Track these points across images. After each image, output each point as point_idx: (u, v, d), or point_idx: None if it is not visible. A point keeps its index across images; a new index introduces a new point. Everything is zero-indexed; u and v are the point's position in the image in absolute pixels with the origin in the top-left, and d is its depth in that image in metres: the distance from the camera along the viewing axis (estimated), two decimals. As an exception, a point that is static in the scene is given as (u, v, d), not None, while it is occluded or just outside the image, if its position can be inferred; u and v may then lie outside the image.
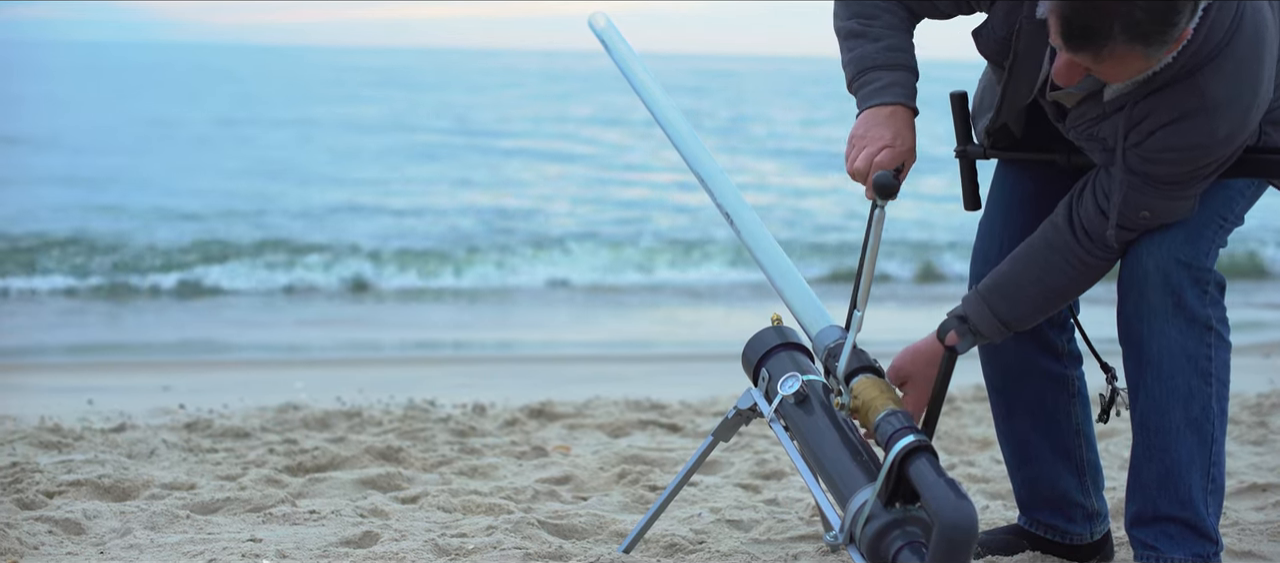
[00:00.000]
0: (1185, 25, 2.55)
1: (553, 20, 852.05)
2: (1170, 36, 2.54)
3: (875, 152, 2.87)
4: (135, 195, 17.74)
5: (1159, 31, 2.52)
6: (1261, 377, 6.62)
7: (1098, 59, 2.56)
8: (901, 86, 2.91)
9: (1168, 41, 2.55)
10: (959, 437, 4.95)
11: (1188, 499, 2.90)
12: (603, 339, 9.77)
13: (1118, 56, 2.55)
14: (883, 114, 2.90)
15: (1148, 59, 2.58)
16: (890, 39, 2.92)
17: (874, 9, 2.94)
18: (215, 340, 9.59)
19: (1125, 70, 2.61)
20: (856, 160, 2.88)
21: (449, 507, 3.77)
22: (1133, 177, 2.77)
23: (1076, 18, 2.52)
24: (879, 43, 2.92)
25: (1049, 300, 2.90)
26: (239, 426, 4.98)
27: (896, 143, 2.87)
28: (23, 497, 3.76)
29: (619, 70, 3.33)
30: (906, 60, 2.93)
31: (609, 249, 14.29)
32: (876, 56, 2.92)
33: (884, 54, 2.92)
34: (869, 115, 2.90)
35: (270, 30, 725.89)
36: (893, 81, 2.91)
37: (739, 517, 3.71)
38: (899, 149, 2.87)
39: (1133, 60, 2.57)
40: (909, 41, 2.95)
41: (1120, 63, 2.57)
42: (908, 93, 2.91)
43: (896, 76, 2.91)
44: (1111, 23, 2.50)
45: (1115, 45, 2.53)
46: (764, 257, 3.08)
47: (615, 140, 28.23)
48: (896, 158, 2.88)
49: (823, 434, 2.83)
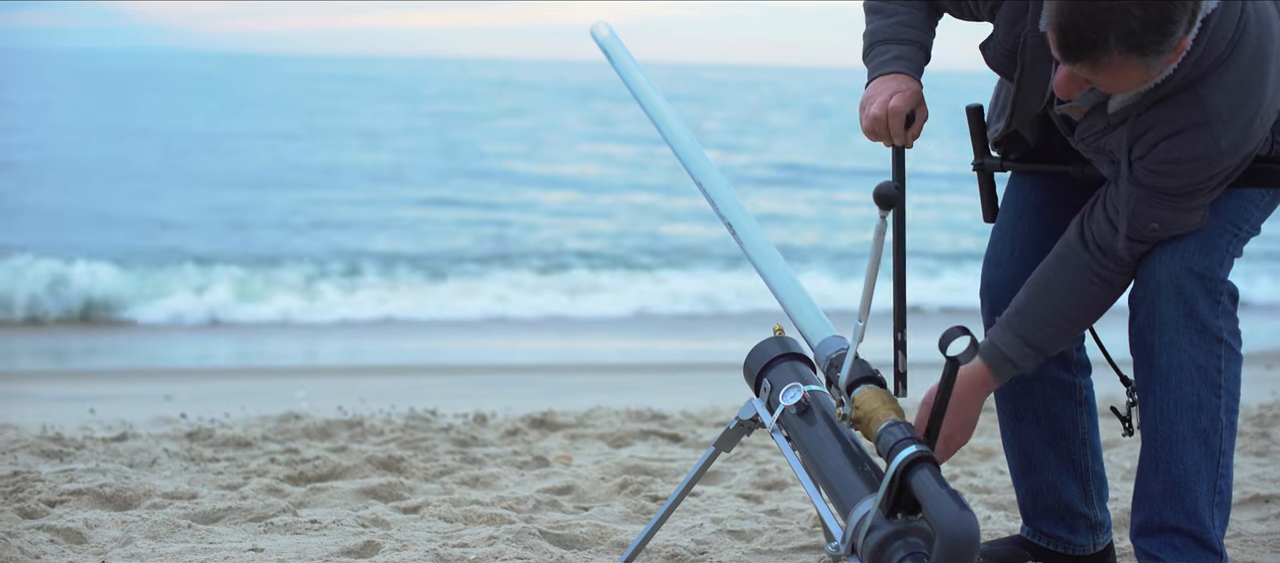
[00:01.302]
0: (1182, 35, 2.55)
1: (554, 29, 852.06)
2: (1167, 46, 2.54)
3: (887, 97, 2.94)
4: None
5: (1155, 41, 2.52)
6: (1264, 388, 6.62)
7: (1095, 70, 2.57)
8: (907, 60, 2.98)
9: (1165, 51, 2.55)
10: (961, 448, 4.94)
11: (1193, 511, 2.89)
12: (602, 349, 9.79)
13: (1115, 67, 2.56)
14: (896, 78, 2.97)
15: (1147, 70, 2.58)
16: (902, 16, 3.00)
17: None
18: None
19: (1124, 82, 2.62)
20: (871, 108, 2.94)
21: (450, 517, 3.77)
22: (1140, 189, 2.77)
23: (1072, 29, 2.54)
24: (891, 18, 3.01)
25: (1074, 320, 2.89)
26: (240, 435, 4.98)
27: (905, 89, 2.94)
28: (24, 506, 3.76)
29: (621, 80, 3.33)
30: (916, 37, 3.00)
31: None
32: (886, 31, 3.00)
33: (893, 28, 3.00)
34: (876, 82, 2.98)
35: (266, 39, 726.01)
36: (899, 54, 2.98)
37: (741, 527, 3.70)
38: (908, 92, 2.94)
39: (1131, 71, 2.58)
40: (922, 19, 3.01)
41: (1118, 73, 2.58)
42: (913, 66, 2.98)
43: (903, 50, 2.99)
44: (1107, 33, 2.51)
45: (1112, 56, 2.54)
46: (766, 267, 3.08)
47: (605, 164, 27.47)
48: (908, 101, 2.94)
49: (825, 445, 2.83)
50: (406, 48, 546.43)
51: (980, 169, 3.13)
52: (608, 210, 19.56)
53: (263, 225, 16.71)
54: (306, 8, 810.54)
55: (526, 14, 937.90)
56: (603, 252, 15.60)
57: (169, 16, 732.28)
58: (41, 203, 17.98)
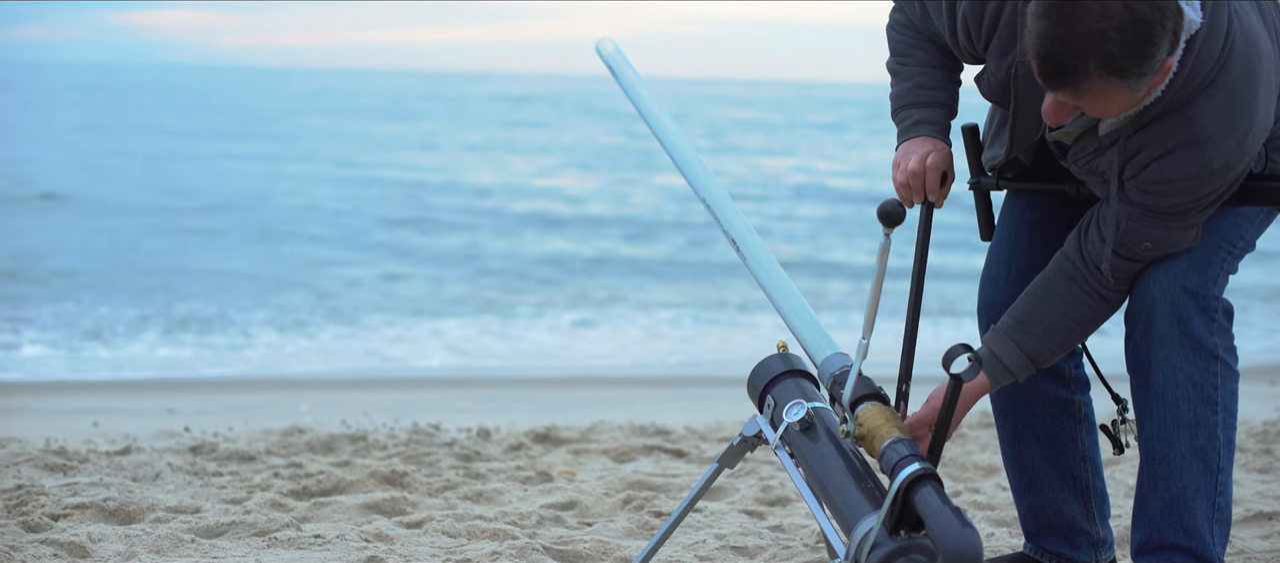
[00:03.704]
0: (1164, 57, 2.56)
1: (559, 44, 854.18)
2: (1148, 68, 2.55)
3: (923, 155, 2.99)
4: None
5: (1135, 64, 2.53)
6: (1268, 404, 6.61)
7: (1078, 95, 2.59)
8: (929, 123, 3.02)
9: (1147, 73, 2.56)
10: (964, 464, 4.94)
11: (1193, 528, 2.90)
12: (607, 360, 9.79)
13: (1098, 92, 2.57)
14: (924, 141, 3.02)
15: (1131, 93, 2.59)
16: (920, 77, 3.03)
17: (908, 47, 3.06)
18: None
19: (1111, 106, 2.62)
20: (908, 164, 2.98)
21: (454, 532, 3.77)
22: (1132, 208, 2.78)
23: (1051, 57, 2.55)
24: (910, 81, 3.04)
25: (1071, 332, 2.90)
26: (244, 449, 4.98)
27: (936, 150, 2.99)
28: (28, 519, 3.76)
29: (626, 96, 3.34)
30: (937, 97, 3.03)
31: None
32: (906, 96, 3.05)
33: (912, 93, 3.04)
34: (905, 145, 3.03)
35: (271, 53, 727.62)
36: (922, 119, 3.03)
37: (744, 543, 3.70)
38: (940, 153, 2.99)
39: (1114, 95, 2.59)
40: (941, 76, 3.04)
41: (1103, 98, 2.59)
42: (936, 128, 3.02)
43: (924, 113, 3.03)
44: (1086, 59, 2.52)
45: (1093, 81, 2.55)
46: (769, 283, 3.09)
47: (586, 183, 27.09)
48: (941, 161, 2.98)
49: (828, 461, 2.83)
50: (417, 61, 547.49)
51: (977, 188, 3.15)
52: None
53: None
54: (314, 21, 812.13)
55: (535, 37, 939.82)
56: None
57: (182, 32, 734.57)
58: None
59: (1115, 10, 2.49)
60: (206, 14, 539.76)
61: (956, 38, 2.93)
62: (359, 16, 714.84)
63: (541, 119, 49.22)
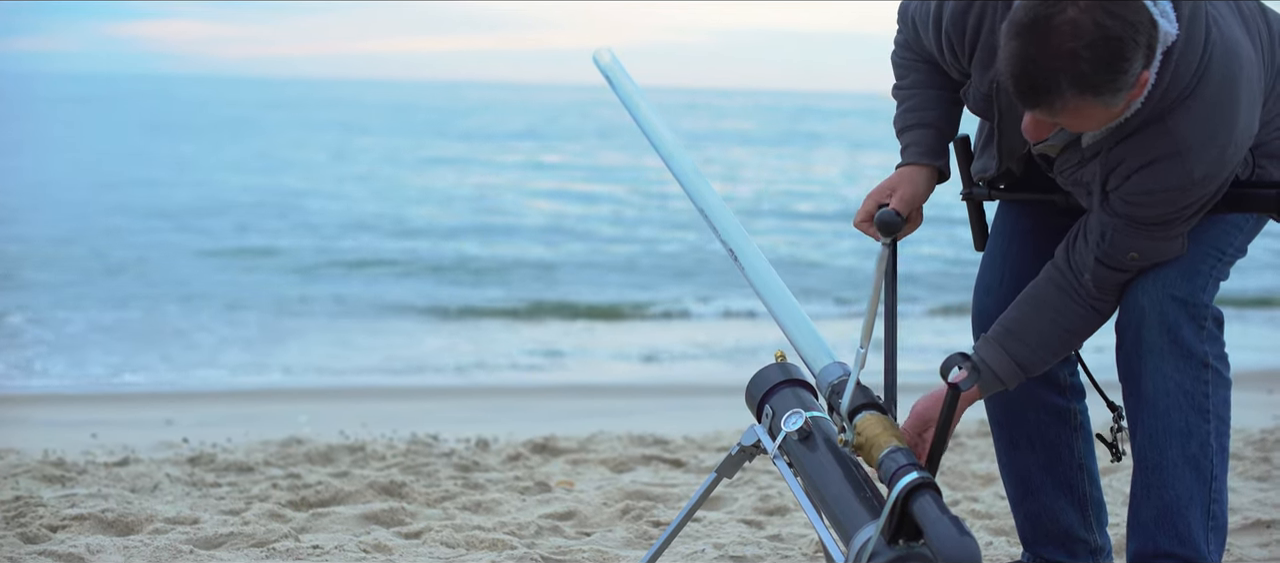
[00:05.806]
0: (1139, 71, 2.56)
1: (561, 53, 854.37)
2: (1122, 83, 2.55)
3: (875, 201, 2.97)
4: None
5: (1108, 80, 2.53)
6: (1265, 412, 6.61)
7: (1054, 113, 2.59)
8: (917, 146, 3.00)
9: (1121, 88, 2.56)
10: (963, 473, 4.94)
11: (1187, 537, 2.90)
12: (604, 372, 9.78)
13: (1073, 109, 2.58)
14: (901, 172, 3.00)
15: (1107, 108, 2.59)
16: (914, 99, 3.02)
17: (906, 68, 3.05)
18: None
19: (1087, 121, 2.63)
20: (867, 204, 2.98)
21: (452, 542, 3.77)
22: (1116, 219, 2.78)
23: (1024, 77, 2.56)
24: (905, 104, 3.03)
25: (1062, 341, 2.90)
26: (242, 460, 4.98)
27: (897, 192, 2.96)
28: (26, 531, 3.76)
29: (623, 105, 3.34)
30: (926, 118, 3.01)
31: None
32: (901, 119, 3.04)
33: (905, 116, 3.03)
34: (894, 174, 3.02)
35: (276, 63, 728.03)
36: (910, 142, 3.01)
37: (742, 553, 3.70)
38: (905, 196, 2.95)
39: (1090, 111, 2.59)
40: (933, 96, 3.02)
41: (1079, 114, 2.59)
42: (925, 151, 2.99)
43: (914, 137, 3.01)
44: (1058, 78, 2.52)
45: (1066, 98, 2.55)
46: (767, 292, 3.09)
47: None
48: (905, 201, 2.95)
49: (826, 471, 2.83)
50: (416, 71, 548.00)
51: (969, 199, 3.15)
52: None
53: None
54: (310, 32, 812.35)
55: (538, 45, 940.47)
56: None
57: (182, 44, 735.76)
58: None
59: (1086, 28, 2.49)
60: (205, 25, 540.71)
61: (943, 54, 2.93)
62: (360, 26, 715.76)
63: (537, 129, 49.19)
